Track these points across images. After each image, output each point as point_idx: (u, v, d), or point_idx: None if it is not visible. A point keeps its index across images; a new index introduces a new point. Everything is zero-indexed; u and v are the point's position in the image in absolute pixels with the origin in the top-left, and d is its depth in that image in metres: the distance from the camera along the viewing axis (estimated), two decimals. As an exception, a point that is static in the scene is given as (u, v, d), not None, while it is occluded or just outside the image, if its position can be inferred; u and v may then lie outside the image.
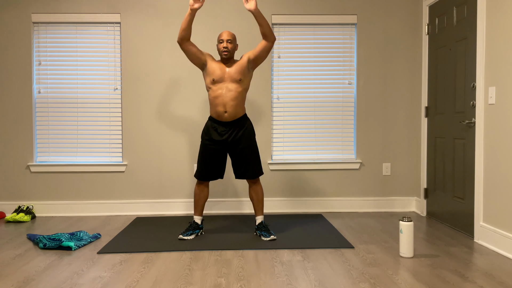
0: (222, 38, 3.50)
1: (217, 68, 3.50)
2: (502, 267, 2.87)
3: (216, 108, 3.51)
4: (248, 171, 3.56)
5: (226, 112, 3.49)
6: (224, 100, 3.48)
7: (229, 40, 3.49)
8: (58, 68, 4.52)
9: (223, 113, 3.49)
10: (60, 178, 4.51)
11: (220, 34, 3.53)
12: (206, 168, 3.57)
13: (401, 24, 4.58)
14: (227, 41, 3.48)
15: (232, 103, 3.48)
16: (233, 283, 2.61)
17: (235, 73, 3.49)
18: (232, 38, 3.51)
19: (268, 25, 3.43)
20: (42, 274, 2.77)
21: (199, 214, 3.66)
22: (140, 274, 2.76)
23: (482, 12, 3.40)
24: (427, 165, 4.40)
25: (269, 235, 3.51)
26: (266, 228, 3.60)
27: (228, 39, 3.49)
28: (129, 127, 4.53)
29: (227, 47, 3.48)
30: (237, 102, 3.50)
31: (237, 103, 3.50)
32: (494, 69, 3.28)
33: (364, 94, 4.59)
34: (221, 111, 3.49)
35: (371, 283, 2.59)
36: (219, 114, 3.51)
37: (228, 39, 3.49)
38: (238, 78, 3.49)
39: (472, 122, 3.57)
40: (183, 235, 3.55)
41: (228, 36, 3.49)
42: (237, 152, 3.55)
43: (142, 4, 4.49)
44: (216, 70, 3.49)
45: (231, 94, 3.48)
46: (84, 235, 3.57)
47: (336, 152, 4.65)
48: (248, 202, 4.55)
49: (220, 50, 3.50)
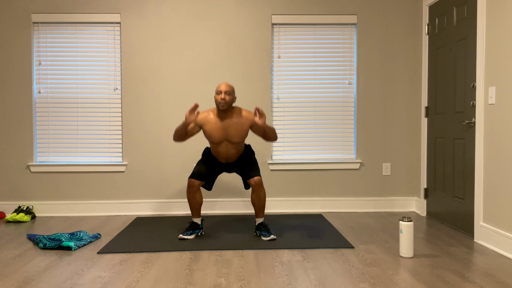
0: (220, 89, 3.47)
1: (214, 131, 3.52)
2: (502, 267, 2.87)
3: (217, 155, 3.64)
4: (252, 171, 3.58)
5: (228, 159, 3.65)
6: (226, 154, 3.61)
7: (227, 92, 3.46)
8: (58, 68, 4.52)
9: (224, 159, 3.65)
10: (60, 178, 4.51)
11: (218, 86, 3.50)
12: (202, 169, 3.61)
13: (401, 24, 4.58)
14: (225, 93, 3.46)
15: (234, 154, 3.62)
16: (233, 283, 2.61)
17: (234, 136, 3.53)
18: (230, 90, 3.47)
19: (274, 132, 3.53)
20: (42, 274, 2.77)
21: (197, 216, 3.66)
22: (140, 274, 2.77)
23: (482, 12, 3.40)
24: (427, 165, 4.40)
25: (269, 235, 3.52)
26: (266, 228, 3.61)
27: (226, 91, 3.46)
28: (129, 127, 4.53)
29: (225, 99, 3.45)
30: (238, 151, 3.62)
31: (238, 151, 3.63)
32: (494, 69, 3.28)
33: (364, 94, 4.59)
34: (223, 157, 3.64)
35: (371, 283, 2.59)
36: (220, 158, 3.65)
37: (226, 90, 3.46)
38: (237, 141, 3.55)
39: (472, 122, 3.57)
40: (183, 235, 3.56)
41: (226, 88, 3.46)
42: (239, 167, 3.67)
43: (142, 4, 4.49)
44: (213, 133, 3.52)
45: (232, 150, 3.59)
46: (84, 235, 3.57)
47: (336, 152, 4.65)
48: (249, 202, 4.55)
49: (218, 102, 3.47)
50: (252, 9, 4.52)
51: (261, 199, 3.59)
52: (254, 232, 3.69)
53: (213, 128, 3.52)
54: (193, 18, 4.51)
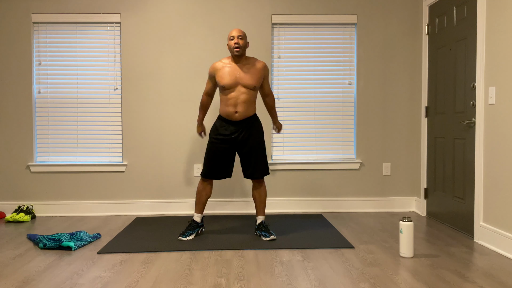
0: (233, 35, 3.46)
1: (226, 74, 3.46)
2: (502, 267, 2.87)
3: (226, 108, 3.49)
4: (257, 171, 3.54)
5: (237, 113, 3.48)
6: (236, 102, 3.47)
7: (240, 36, 3.45)
8: (58, 68, 4.52)
9: (233, 113, 3.49)
10: (60, 178, 4.51)
11: (230, 32, 3.50)
12: (213, 166, 3.53)
13: (401, 24, 4.58)
14: (238, 37, 3.44)
15: (243, 104, 3.48)
16: (233, 283, 2.61)
17: (250, 79, 3.47)
18: (243, 35, 3.47)
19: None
20: (42, 274, 2.77)
21: (200, 212, 3.62)
22: (140, 274, 2.76)
23: (482, 12, 3.40)
24: (427, 165, 4.40)
25: (269, 235, 3.51)
26: (266, 228, 3.60)
27: (239, 35, 3.45)
28: (129, 127, 4.53)
29: (239, 43, 3.43)
30: (248, 103, 3.50)
31: (248, 104, 3.50)
32: (494, 69, 3.28)
33: (364, 94, 4.59)
34: (232, 111, 3.48)
35: (371, 283, 2.59)
36: (229, 114, 3.50)
37: (239, 35, 3.45)
38: (253, 86, 3.48)
39: (472, 122, 3.57)
40: (182, 237, 3.52)
41: (239, 33, 3.46)
42: (246, 151, 3.53)
43: (142, 4, 4.49)
44: (225, 76, 3.46)
45: (243, 96, 3.47)
46: (84, 235, 3.56)
47: (336, 152, 4.65)
48: (249, 202, 4.55)
49: (232, 47, 3.44)
50: (252, 9, 4.52)
51: (262, 194, 3.60)
52: (254, 232, 3.69)
53: (225, 72, 3.47)
54: (193, 18, 4.51)
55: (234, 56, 3.49)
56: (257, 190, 3.61)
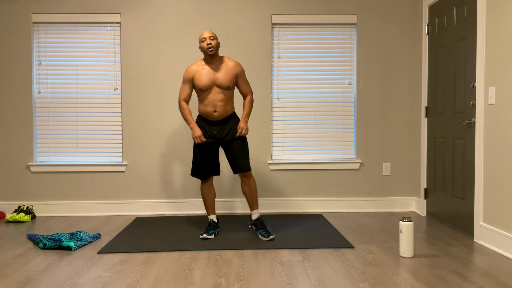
0: (204, 36, 3.51)
1: (203, 76, 3.52)
2: (502, 267, 2.87)
3: (205, 108, 3.55)
4: (244, 164, 3.57)
5: (216, 112, 3.54)
6: (213, 102, 3.53)
7: (211, 37, 3.50)
8: (58, 68, 4.52)
9: (212, 112, 3.54)
10: (60, 178, 4.51)
11: (201, 34, 3.54)
12: (201, 165, 3.60)
13: (401, 24, 4.58)
14: (209, 38, 3.50)
15: (221, 103, 3.54)
16: (233, 283, 2.61)
17: (223, 79, 3.53)
18: (214, 35, 3.52)
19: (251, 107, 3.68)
20: (42, 274, 2.77)
21: (213, 213, 3.71)
22: (140, 274, 2.77)
23: (482, 12, 3.40)
24: (427, 165, 4.40)
25: (268, 235, 3.49)
26: (263, 225, 3.59)
27: (210, 36, 3.50)
28: (129, 127, 4.53)
29: (211, 44, 3.49)
30: (225, 102, 3.56)
31: (225, 103, 3.56)
32: (494, 69, 3.28)
33: (364, 94, 4.59)
34: (211, 111, 3.54)
35: (371, 283, 2.59)
36: (208, 114, 3.56)
37: (210, 36, 3.51)
38: (226, 86, 3.54)
39: (472, 122, 3.57)
40: (207, 234, 3.54)
41: (210, 33, 3.52)
42: (230, 147, 3.58)
43: (142, 4, 4.49)
44: (202, 78, 3.52)
45: (219, 96, 3.53)
46: (84, 235, 3.56)
47: (336, 152, 4.65)
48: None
49: (205, 48, 3.50)
50: (252, 9, 4.52)
51: (252, 187, 3.61)
52: (249, 225, 3.71)
53: (202, 74, 3.53)
54: (193, 18, 4.51)
55: (207, 57, 3.54)
56: (246, 184, 3.61)
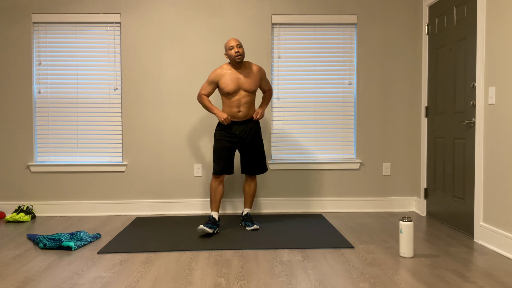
0: (232, 45, 3.72)
1: (229, 82, 3.74)
2: (502, 267, 2.87)
3: (230, 109, 3.79)
4: (256, 168, 3.88)
5: (240, 112, 3.79)
6: (239, 103, 3.78)
7: (239, 45, 3.72)
8: (58, 68, 4.52)
9: (237, 112, 3.79)
10: (60, 178, 4.51)
11: (228, 42, 3.75)
12: (222, 163, 3.79)
13: (401, 24, 4.58)
14: (237, 46, 3.72)
15: (245, 105, 3.79)
16: (233, 283, 2.61)
17: (250, 84, 3.77)
18: (240, 43, 3.75)
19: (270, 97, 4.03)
20: (42, 274, 2.77)
21: (216, 209, 3.82)
22: (140, 274, 2.77)
23: (482, 12, 3.40)
24: (427, 165, 4.40)
25: (252, 225, 3.82)
26: (250, 219, 3.91)
27: (237, 44, 3.72)
28: (129, 127, 4.53)
29: (239, 51, 3.71)
30: (249, 104, 3.81)
31: (249, 105, 3.81)
32: (494, 69, 3.28)
33: (364, 94, 4.59)
34: (235, 111, 3.79)
35: (371, 283, 2.59)
36: (233, 114, 3.79)
37: (238, 44, 3.72)
38: (252, 89, 3.79)
39: (472, 122, 3.57)
40: (205, 226, 3.59)
41: (237, 42, 3.73)
42: (247, 149, 3.83)
43: (142, 4, 4.49)
44: (229, 84, 3.74)
45: (245, 99, 3.78)
46: (84, 235, 3.57)
47: (336, 152, 4.65)
48: (254, 202, 4.54)
49: (233, 56, 3.71)
50: (252, 9, 4.52)
51: (252, 188, 3.96)
52: (240, 223, 3.98)
53: (228, 78, 3.75)
54: (193, 18, 4.51)
55: (234, 63, 3.76)
56: (249, 184, 3.95)
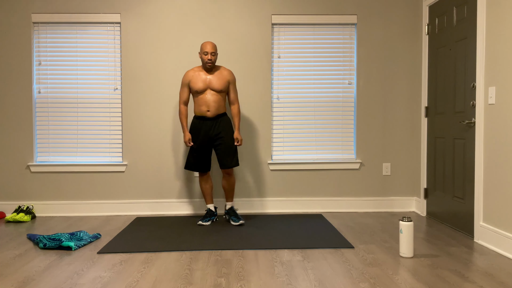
0: (206, 50, 3.90)
1: (198, 81, 3.94)
2: (502, 267, 2.87)
3: (200, 107, 3.97)
4: (231, 161, 3.99)
5: (209, 111, 3.95)
6: (207, 102, 3.94)
7: (213, 53, 3.91)
8: (58, 68, 4.52)
9: (206, 111, 3.96)
10: (60, 178, 4.51)
11: (204, 45, 3.91)
12: (194, 160, 4.01)
13: (401, 24, 4.58)
14: (211, 54, 3.91)
15: (213, 103, 3.95)
16: (233, 283, 2.61)
17: (216, 84, 3.95)
18: (215, 50, 3.93)
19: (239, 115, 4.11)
20: (42, 274, 2.77)
21: (210, 202, 4.15)
22: (140, 274, 2.77)
23: (482, 12, 3.40)
24: (427, 165, 4.40)
25: (238, 220, 3.98)
26: (235, 213, 4.07)
27: (212, 52, 3.90)
28: (129, 127, 4.53)
29: (211, 59, 3.91)
30: (218, 103, 3.97)
31: (218, 104, 3.97)
32: (494, 69, 3.28)
33: (364, 94, 4.59)
34: (205, 110, 3.96)
35: (371, 283, 2.59)
36: (202, 112, 3.97)
37: (212, 51, 3.91)
38: (219, 89, 3.96)
39: (472, 122, 3.57)
40: (202, 221, 4.00)
41: (212, 49, 3.91)
42: (220, 145, 3.97)
43: (142, 4, 4.49)
44: (198, 82, 3.94)
45: (213, 98, 3.95)
46: (84, 235, 3.57)
47: (336, 152, 4.65)
48: (250, 202, 4.56)
49: (205, 61, 3.91)
50: (252, 9, 4.52)
51: (231, 184, 4.10)
52: (224, 216, 4.24)
53: (198, 79, 3.95)
54: (193, 18, 4.51)
55: (206, 68, 3.96)
56: (227, 180, 4.08)
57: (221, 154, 3.98)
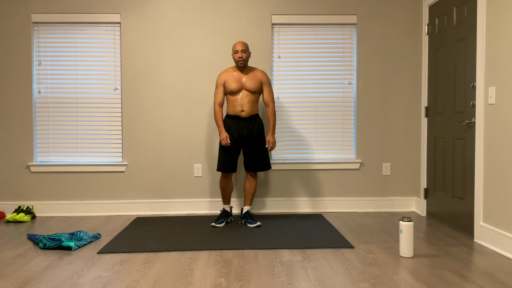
0: (236, 49, 3.90)
1: (233, 81, 3.94)
2: (502, 267, 2.87)
3: (234, 108, 3.96)
4: (259, 165, 3.98)
5: (243, 111, 3.94)
6: (241, 102, 3.94)
7: (243, 50, 3.89)
8: (58, 68, 4.52)
9: (240, 111, 3.95)
10: (60, 178, 4.51)
11: (234, 45, 3.92)
12: (224, 161, 3.95)
13: (401, 24, 4.58)
14: (241, 51, 3.89)
15: (248, 104, 3.95)
16: (233, 283, 2.61)
17: (250, 85, 3.94)
18: (245, 48, 3.91)
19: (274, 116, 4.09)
20: (42, 274, 2.77)
21: (228, 203, 4.12)
22: (140, 274, 2.77)
23: (482, 12, 3.40)
24: (427, 165, 4.40)
25: (255, 222, 3.93)
26: (251, 216, 4.02)
27: (242, 49, 3.89)
28: (129, 127, 4.53)
29: (242, 57, 3.89)
30: (252, 103, 3.96)
31: (252, 104, 3.96)
32: (494, 69, 3.28)
33: (364, 94, 4.59)
34: (239, 110, 3.95)
35: (371, 283, 2.59)
36: (236, 112, 3.96)
37: (243, 49, 3.89)
38: (253, 90, 3.95)
39: (472, 122, 3.57)
40: (216, 223, 3.94)
41: (242, 47, 3.89)
42: (250, 146, 3.95)
43: (142, 4, 4.49)
44: (232, 83, 3.93)
45: (247, 98, 3.94)
46: (84, 235, 3.57)
47: (336, 152, 4.65)
48: (254, 202, 4.54)
49: (236, 60, 3.91)
50: (252, 9, 4.52)
51: (253, 186, 4.06)
52: (240, 220, 4.09)
53: (232, 80, 3.95)
54: (193, 18, 4.51)
55: (238, 66, 3.95)
56: (250, 182, 4.06)
57: (250, 155, 3.96)
